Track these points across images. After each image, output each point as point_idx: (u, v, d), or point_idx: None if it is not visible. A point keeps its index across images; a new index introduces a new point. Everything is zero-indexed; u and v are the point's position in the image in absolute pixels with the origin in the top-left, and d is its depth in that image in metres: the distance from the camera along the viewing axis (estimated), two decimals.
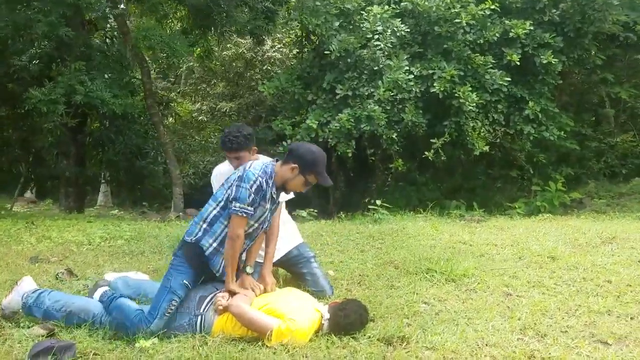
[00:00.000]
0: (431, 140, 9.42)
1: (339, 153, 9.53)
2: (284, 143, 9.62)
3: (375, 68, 9.65)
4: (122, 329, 2.94)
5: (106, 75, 9.94)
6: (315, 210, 8.40)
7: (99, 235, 5.63)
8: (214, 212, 3.14)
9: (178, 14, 14.90)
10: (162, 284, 3.07)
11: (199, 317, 3.00)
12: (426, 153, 9.37)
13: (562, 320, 3.31)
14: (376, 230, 6.20)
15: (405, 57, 9.58)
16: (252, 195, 3.03)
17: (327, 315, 3.06)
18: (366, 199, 8.73)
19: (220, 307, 2.98)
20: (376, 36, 9.76)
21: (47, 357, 2.46)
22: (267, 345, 2.79)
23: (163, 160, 13.06)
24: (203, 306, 3.02)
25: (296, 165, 3.11)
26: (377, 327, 3.14)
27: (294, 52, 14.83)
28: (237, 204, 3.01)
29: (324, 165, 3.24)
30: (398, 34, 9.68)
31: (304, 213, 8.17)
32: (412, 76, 9.34)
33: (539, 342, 2.98)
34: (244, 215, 3.03)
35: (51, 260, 4.66)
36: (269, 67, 17.78)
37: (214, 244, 3.11)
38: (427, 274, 4.26)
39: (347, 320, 3.01)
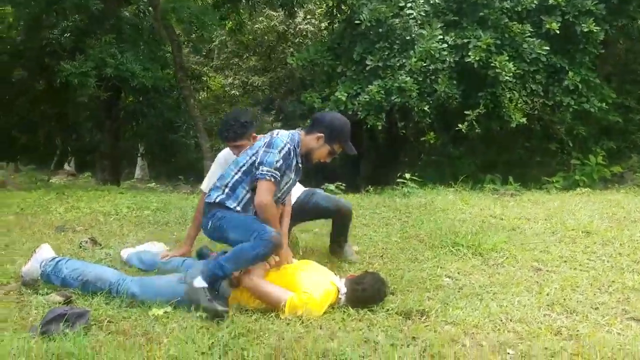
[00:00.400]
0: (465, 112, 9.12)
1: (369, 126, 9.34)
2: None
3: (408, 38, 9.39)
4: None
5: (137, 49, 9.95)
6: (344, 184, 8.27)
7: (126, 206, 5.67)
8: (236, 177, 3.07)
9: None
10: (229, 229, 2.97)
11: None
12: (459, 125, 9.09)
13: (594, 297, 3.14)
14: (403, 203, 6.06)
15: (439, 25, 9.26)
16: (280, 160, 2.96)
17: (344, 290, 2.98)
18: (397, 173, 8.53)
19: (234, 280, 2.92)
20: (409, 4, 9.48)
21: (59, 324, 2.46)
22: (280, 317, 2.74)
23: (195, 134, 13.13)
24: None
25: (322, 135, 3.06)
26: (396, 300, 3.05)
27: (325, 23, 14.56)
28: (265, 168, 2.92)
29: (349, 134, 3.17)
30: (432, 2, 9.37)
31: (332, 187, 8.05)
32: (446, 45, 9.03)
33: (567, 319, 2.83)
34: (272, 179, 2.93)
35: (77, 229, 4.71)
36: (301, 40, 17.59)
37: (238, 207, 3.04)
38: (453, 247, 4.13)
39: (365, 293, 2.92)
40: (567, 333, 2.64)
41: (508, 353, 2.47)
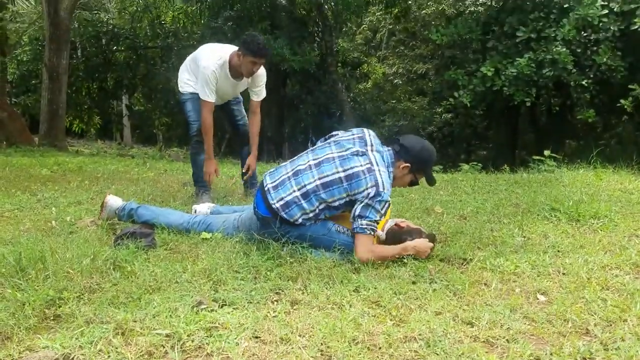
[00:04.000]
0: (629, 87, 8.07)
1: (516, 103, 8.76)
2: (455, 94, 9.20)
3: (566, 5, 8.61)
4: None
5: (290, 34, 10.62)
6: (480, 164, 7.90)
7: None
8: (323, 195, 2.82)
9: None
10: (314, 244, 2.88)
11: None
12: (621, 101, 8.07)
13: None
14: (526, 177, 5.63)
15: None
16: (382, 216, 2.79)
17: (383, 237, 2.97)
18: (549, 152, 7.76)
19: None
20: None
21: (124, 239, 2.87)
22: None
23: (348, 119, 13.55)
24: None
25: (408, 165, 2.89)
26: (444, 248, 2.94)
27: None
28: (365, 222, 2.73)
29: (433, 163, 3.04)
30: None
31: (466, 167, 7.75)
32: (607, 12, 8.08)
33: (632, 278, 2.47)
34: (372, 232, 2.75)
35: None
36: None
37: (314, 222, 2.90)
38: (548, 213, 3.78)
39: (404, 234, 2.87)
40: (617, 288, 2.32)
41: (537, 298, 2.27)
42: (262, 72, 4.15)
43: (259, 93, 4.28)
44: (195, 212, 3.67)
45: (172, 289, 2.29)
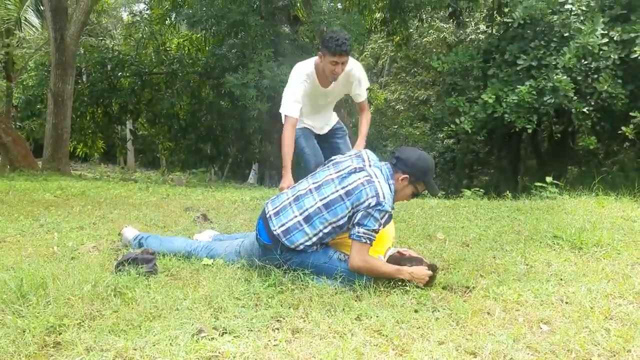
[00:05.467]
0: (630, 114, 8.12)
1: (517, 129, 8.80)
2: (457, 120, 9.25)
3: (566, 34, 8.71)
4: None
5: (293, 61, 10.73)
6: (482, 190, 7.90)
7: (251, 196, 6.19)
8: (324, 215, 2.82)
9: (379, 4, 15.50)
10: (313, 270, 2.86)
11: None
12: (623, 129, 8.11)
13: None
14: (528, 204, 5.62)
15: (602, 19, 8.42)
16: (382, 226, 2.77)
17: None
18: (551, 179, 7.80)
19: None
20: (570, 0, 8.81)
21: (125, 265, 2.86)
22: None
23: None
24: None
25: (406, 176, 2.87)
26: (447, 276, 2.92)
27: (485, 26, 14.14)
28: (362, 230, 2.72)
29: (433, 172, 2.99)
30: None
31: (468, 193, 7.74)
32: (606, 40, 8.17)
33: (635, 307, 2.45)
34: (369, 242, 2.75)
35: (200, 209, 5.28)
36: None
37: (317, 248, 2.90)
38: (550, 241, 3.77)
39: (404, 262, 2.86)
40: (621, 317, 2.30)
41: (540, 328, 2.25)
42: (354, 70, 3.71)
43: (359, 94, 3.90)
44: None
45: (173, 317, 2.28)
